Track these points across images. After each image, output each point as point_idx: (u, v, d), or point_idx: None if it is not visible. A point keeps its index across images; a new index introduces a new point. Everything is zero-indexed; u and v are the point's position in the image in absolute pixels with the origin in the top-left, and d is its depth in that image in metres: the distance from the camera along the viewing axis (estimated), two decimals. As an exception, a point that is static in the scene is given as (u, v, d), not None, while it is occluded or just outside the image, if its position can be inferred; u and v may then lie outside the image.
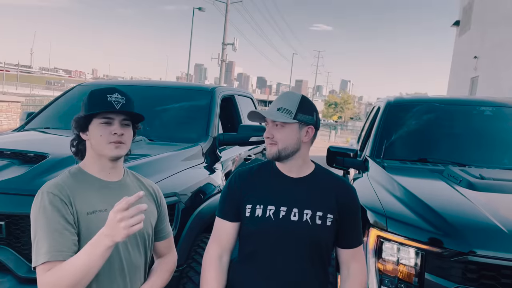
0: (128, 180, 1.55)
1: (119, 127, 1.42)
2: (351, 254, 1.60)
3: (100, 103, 1.39)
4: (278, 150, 1.53)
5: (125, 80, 5.25)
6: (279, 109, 1.52)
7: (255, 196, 1.55)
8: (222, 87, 4.14)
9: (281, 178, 1.58)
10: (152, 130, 3.43)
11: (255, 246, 1.55)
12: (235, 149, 3.84)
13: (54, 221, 1.30)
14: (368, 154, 3.25)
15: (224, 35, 26.65)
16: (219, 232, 1.63)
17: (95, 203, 1.40)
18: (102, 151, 1.42)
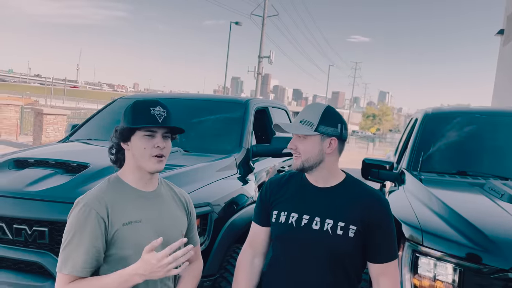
0: (163, 190, 1.59)
1: (161, 140, 1.45)
2: (382, 269, 1.55)
3: (144, 116, 1.42)
4: (301, 162, 1.55)
5: (163, 93, 5.43)
6: (302, 122, 1.55)
7: (282, 203, 1.61)
8: (256, 99, 4.19)
9: (308, 187, 1.61)
10: (187, 141, 3.52)
11: (279, 252, 1.60)
12: (269, 161, 3.86)
13: (86, 236, 1.35)
14: (404, 167, 3.17)
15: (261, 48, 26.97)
16: (253, 236, 1.72)
17: (131, 214, 1.44)
18: (143, 164, 1.44)
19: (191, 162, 2.83)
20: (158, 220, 1.49)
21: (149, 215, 1.47)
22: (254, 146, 3.49)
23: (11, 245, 2.12)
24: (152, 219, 1.48)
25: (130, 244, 1.41)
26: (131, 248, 1.41)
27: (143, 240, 1.40)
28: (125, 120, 1.46)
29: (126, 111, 1.47)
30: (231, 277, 2.44)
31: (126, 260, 1.41)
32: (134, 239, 1.41)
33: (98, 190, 1.46)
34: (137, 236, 1.42)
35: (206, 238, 2.37)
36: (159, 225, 1.49)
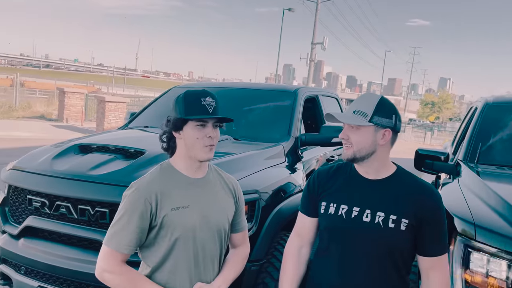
0: (211, 177, 1.65)
1: (212, 130, 1.52)
2: (432, 263, 1.53)
3: (196, 107, 1.49)
4: (353, 152, 1.53)
5: (214, 82, 5.55)
6: (355, 112, 1.52)
7: (330, 194, 1.60)
8: (305, 88, 4.18)
9: (358, 179, 1.59)
10: (237, 129, 3.60)
11: (328, 243, 1.60)
12: (318, 150, 3.85)
13: (133, 218, 1.46)
14: (460, 158, 3.03)
15: (314, 35, 26.53)
16: (300, 226, 1.73)
17: (179, 199, 1.52)
18: (195, 153, 1.52)
19: (240, 150, 2.91)
20: (205, 206, 1.57)
21: (196, 200, 1.55)
22: (302, 135, 3.50)
23: (77, 223, 2.32)
24: (199, 204, 1.55)
25: (177, 227, 1.50)
26: (178, 231, 1.50)
27: (189, 224, 1.51)
28: (177, 110, 1.52)
29: (178, 102, 1.53)
30: (277, 263, 2.50)
31: (175, 242, 1.51)
32: (181, 223, 1.50)
33: (150, 176, 1.55)
34: (183, 221, 1.51)
35: (253, 224, 2.44)
36: (205, 210, 1.56)
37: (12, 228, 2.56)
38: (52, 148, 2.88)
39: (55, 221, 2.38)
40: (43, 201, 2.40)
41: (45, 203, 2.39)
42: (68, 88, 18.63)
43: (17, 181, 2.57)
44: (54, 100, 20.36)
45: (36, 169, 2.55)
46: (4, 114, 17.01)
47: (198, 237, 1.54)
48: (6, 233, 2.58)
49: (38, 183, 2.45)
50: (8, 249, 2.48)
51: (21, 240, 2.48)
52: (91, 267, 2.16)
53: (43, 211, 2.42)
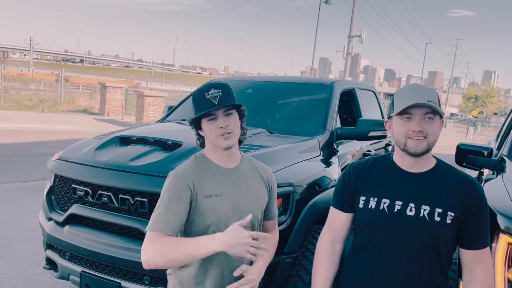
0: (244, 167, 1.69)
1: (222, 120, 1.55)
2: (475, 256, 1.49)
3: (201, 104, 1.54)
4: (427, 144, 1.46)
5: (249, 76, 5.57)
6: (429, 101, 1.45)
7: (370, 189, 1.56)
8: (342, 81, 4.12)
9: (398, 172, 1.54)
10: (272, 123, 3.61)
11: (367, 238, 1.55)
12: (354, 144, 3.79)
13: (174, 201, 1.52)
14: (505, 153, 2.90)
15: (351, 27, 26.00)
16: (333, 221, 1.69)
17: (212, 188, 1.57)
18: (216, 143, 1.58)
19: (275, 143, 2.91)
20: (237, 195, 1.61)
21: (228, 189, 1.60)
22: (338, 128, 3.46)
23: (118, 212, 2.42)
24: (232, 193, 1.60)
25: (210, 215, 1.55)
26: (211, 218, 1.55)
27: (221, 212, 1.56)
28: (193, 111, 1.60)
29: (191, 103, 1.61)
30: (311, 256, 2.50)
31: (207, 228, 1.56)
32: (213, 211, 1.55)
33: (186, 165, 1.62)
34: (216, 208, 1.56)
35: (288, 217, 2.44)
36: (237, 199, 1.60)
37: (58, 215, 2.70)
38: (95, 139, 3.01)
39: (97, 210, 2.49)
40: (86, 190, 2.51)
41: (88, 192, 2.51)
42: (109, 83, 19.30)
43: (63, 170, 2.71)
44: (96, 95, 21.17)
45: (80, 159, 2.67)
46: (50, 108, 17.87)
47: (230, 225, 1.54)
48: (52, 220, 2.73)
49: (82, 172, 2.57)
50: (54, 235, 2.62)
51: (66, 227, 2.61)
52: (131, 254, 2.27)
53: (86, 200, 2.53)
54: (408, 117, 1.47)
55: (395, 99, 1.52)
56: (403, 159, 1.54)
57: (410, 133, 1.46)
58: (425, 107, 1.43)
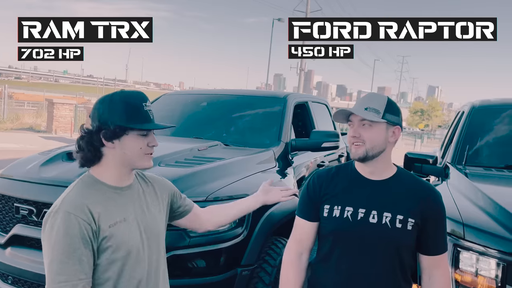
0: (137, 182, 1.50)
1: (154, 139, 1.40)
2: (434, 262, 1.54)
3: (139, 114, 1.33)
4: (365, 150, 1.50)
5: (205, 89, 5.57)
6: (367, 109, 1.51)
7: (334, 197, 1.57)
8: (295, 94, 4.21)
9: (361, 180, 1.57)
10: (228, 135, 3.61)
11: (332, 247, 1.56)
12: (308, 155, 3.86)
13: (75, 245, 1.22)
14: (449, 161, 3.07)
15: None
16: (299, 231, 1.67)
17: (114, 213, 1.34)
18: (136, 163, 1.37)
19: (231, 155, 2.91)
20: (139, 214, 1.42)
21: (129, 211, 1.39)
22: (293, 140, 3.51)
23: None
24: (134, 215, 1.40)
25: (119, 246, 1.32)
26: (120, 250, 1.32)
27: (131, 240, 1.34)
28: (113, 116, 1.31)
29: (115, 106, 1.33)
30: (269, 268, 2.49)
31: (114, 264, 1.32)
32: (122, 240, 1.33)
33: (75, 194, 1.31)
34: (124, 236, 1.33)
35: (244, 229, 2.42)
36: (140, 218, 1.41)
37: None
38: (40, 156, 2.85)
39: (43, 229, 2.34)
40: (30, 208, 2.37)
41: (32, 210, 2.36)
42: (57, 100, 18.53)
43: (4, 189, 2.54)
44: (43, 112, 20.20)
45: (23, 176, 2.51)
46: (-8, 126, 16.81)
47: (142, 249, 1.39)
48: (-7, 242, 2.53)
49: (26, 190, 2.42)
50: (-6, 258, 2.43)
51: (8, 249, 2.43)
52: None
53: (30, 219, 2.38)
54: (350, 124, 1.55)
55: None
56: (361, 166, 1.58)
57: (351, 138, 1.53)
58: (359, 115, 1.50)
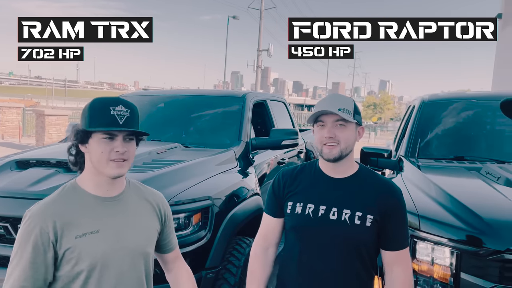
0: (129, 194, 1.44)
1: (122, 144, 1.31)
2: (396, 257, 1.56)
3: (102, 117, 1.28)
4: (340, 150, 1.52)
5: (161, 90, 5.46)
6: (340, 109, 1.52)
7: (297, 194, 1.61)
8: (253, 93, 4.22)
9: (323, 178, 1.61)
10: (187, 136, 3.56)
11: (295, 242, 1.60)
12: (269, 153, 3.89)
13: (26, 252, 1.24)
14: (402, 154, 3.19)
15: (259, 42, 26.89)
16: (265, 227, 1.72)
17: (86, 224, 1.30)
18: (102, 169, 1.31)
19: (191, 157, 2.87)
20: (121, 229, 1.36)
21: (109, 224, 1.34)
22: (253, 139, 3.52)
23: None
24: (113, 228, 1.35)
25: (84, 258, 1.28)
26: (86, 262, 1.28)
27: (98, 253, 1.30)
28: (82, 120, 1.33)
29: (84, 111, 1.33)
30: (234, 268, 2.49)
31: (86, 276, 1.29)
32: (90, 252, 1.28)
33: (48, 200, 1.32)
34: (93, 249, 1.29)
35: (207, 231, 2.40)
36: (121, 234, 1.35)
37: None
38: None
39: (-8, 244, 2.20)
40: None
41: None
42: (3, 103, 17.49)
43: None
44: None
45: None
46: None
47: (113, 267, 1.33)
48: None
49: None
50: None
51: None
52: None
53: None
54: (322, 125, 1.55)
55: (315, 109, 1.59)
56: (325, 165, 1.61)
57: (324, 139, 1.53)
58: (335, 115, 1.51)
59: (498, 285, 1.77)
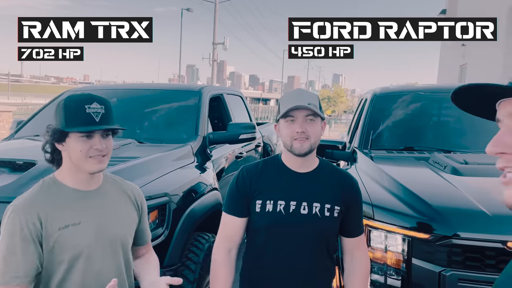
0: (107, 187, 1.49)
1: (100, 141, 1.35)
2: (355, 243, 1.65)
3: (79, 116, 1.31)
4: (310, 145, 1.54)
5: (113, 84, 5.27)
6: (310, 104, 1.53)
7: (265, 192, 1.59)
8: (210, 87, 4.17)
9: (289, 173, 1.61)
10: (142, 132, 3.46)
11: (266, 241, 1.59)
12: (227, 148, 3.86)
13: (15, 244, 1.27)
14: (356, 146, 3.29)
15: (214, 35, 26.63)
16: (228, 228, 1.67)
17: (68, 216, 1.35)
18: (82, 166, 1.35)
19: (146, 153, 2.79)
20: (101, 220, 1.42)
21: (90, 215, 1.39)
22: (210, 133, 3.49)
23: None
24: (94, 219, 1.40)
25: (66, 248, 1.33)
26: (70, 252, 1.34)
27: (81, 244, 1.35)
28: (57, 120, 1.35)
29: (58, 110, 1.36)
30: (193, 265, 2.46)
31: (69, 266, 1.35)
32: (70, 243, 1.33)
33: (29, 194, 1.35)
34: (74, 240, 1.34)
35: (165, 229, 2.35)
36: (101, 225, 1.41)
37: None
38: None
39: None
40: None
41: None
42: None
43: None
44: None
45: None
46: None
47: (95, 256, 1.38)
48: None
49: None
50: None
51: None
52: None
53: None
54: (292, 120, 1.55)
55: (280, 104, 1.59)
56: (291, 160, 1.61)
57: (294, 134, 1.53)
58: (306, 109, 1.52)
59: (447, 269, 1.87)
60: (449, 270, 1.86)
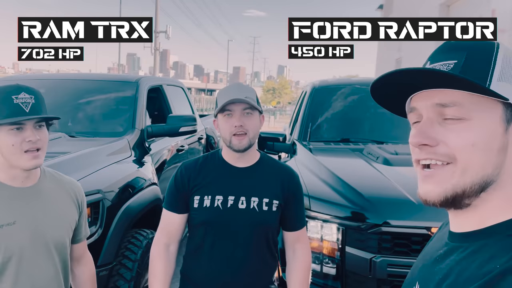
0: (45, 184, 1.42)
1: (33, 133, 1.28)
2: (297, 236, 1.66)
3: (6, 108, 1.24)
4: (249, 139, 1.53)
5: (45, 74, 4.93)
6: (247, 98, 1.51)
7: (203, 187, 1.58)
8: (148, 77, 4.04)
9: (228, 168, 1.60)
10: (74, 125, 3.28)
11: (204, 236, 1.58)
12: (167, 141, 3.77)
13: None
14: (296, 138, 3.36)
15: (156, 23, 25.81)
16: (167, 224, 1.65)
17: (1, 216, 1.28)
18: (16, 162, 1.28)
19: (78, 148, 2.64)
20: (38, 219, 1.35)
21: (25, 214, 1.33)
22: (148, 126, 3.37)
23: None
24: (30, 218, 1.33)
25: (2, 249, 1.27)
26: (1, 254, 1.27)
27: (15, 244, 1.29)
28: None
29: None
30: (130, 263, 2.38)
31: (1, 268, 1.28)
32: (6, 244, 1.27)
33: None
34: (8, 240, 1.28)
35: (98, 227, 2.25)
36: (38, 224, 1.34)
37: None
38: None
39: None
40: None
41: None
42: None
43: None
44: None
45: None
46: None
47: (29, 258, 1.32)
48: None
49: None
50: None
51: None
52: None
53: None
54: (229, 114, 1.53)
55: (218, 98, 1.57)
56: (230, 155, 1.60)
57: (233, 129, 1.51)
58: (243, 103, 1.51)
59: (377, 255, 1.97)
60: (379, 257, 1.96)
